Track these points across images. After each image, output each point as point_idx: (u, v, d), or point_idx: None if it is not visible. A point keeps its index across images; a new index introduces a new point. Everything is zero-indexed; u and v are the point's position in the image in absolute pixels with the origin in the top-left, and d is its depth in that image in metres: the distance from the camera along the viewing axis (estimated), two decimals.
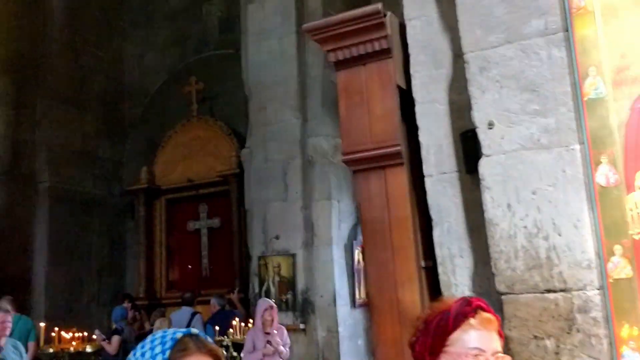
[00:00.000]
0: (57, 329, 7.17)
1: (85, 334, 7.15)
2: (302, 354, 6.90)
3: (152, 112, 10.98)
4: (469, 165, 2.36)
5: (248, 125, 9.08)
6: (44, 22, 9.95)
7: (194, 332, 1.27)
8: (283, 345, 5.61)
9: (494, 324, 1.49)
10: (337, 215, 7.39)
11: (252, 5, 7.87)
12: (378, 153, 2.64)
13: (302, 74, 7.54)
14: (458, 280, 2.38)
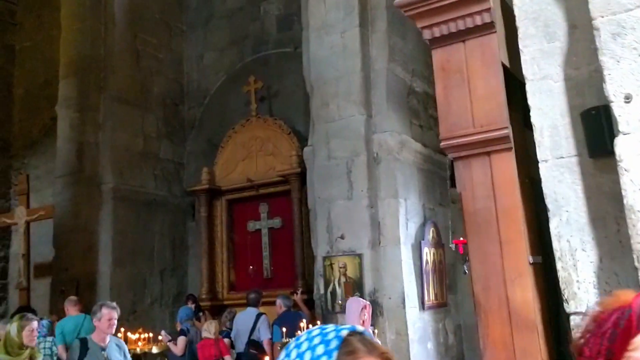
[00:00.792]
0: (122, 330, 7.15)
1: (151, 335, 7.10)
2: None
3: (211, 112, 10.98)
4: (594, 148, 2.09)
5: (309, 123, 8.95)
6: (106, 25, 10.05)
7: (359, 329, 1.07)
8: None
9: None
10: (404, 214, 7.13)
11: (313, 0, 7.70)
12: (482, 138, 2.40)
13: (365, 69, 7.31)
14: (580, 277, 2.11)
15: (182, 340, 6.98)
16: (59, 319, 7.27)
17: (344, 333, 1.03)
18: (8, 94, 13.39)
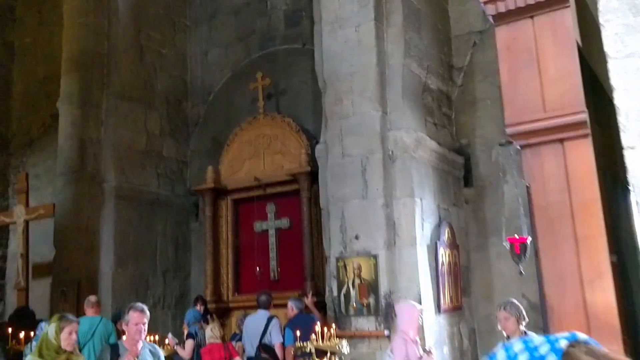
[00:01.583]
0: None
1: (157, 338, 6.83)
2: None
3: (215, 110, 10.73)
4: None
5: (318, 121, 8.72)
6: (109, 20, 9.80)
7: (582, 337, 0.84)
8: None
9: None
10: (420, 214, 6.90)
11: None
12: (554, 123, 2.16)
13: (381, 64, 7.08)
14: None
15: (190, 344, 6.72)
16: None
17: (563, 344, 0.79)
18: (7, 91, 13.11)
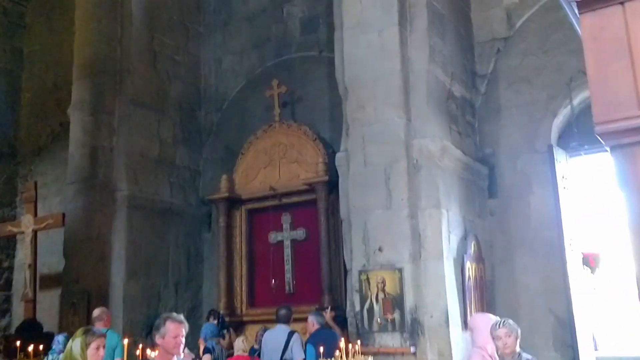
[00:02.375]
0: (141, 346, 6.63)
1: None
2: None
3: (229, 118, 10.50)
4: None
5: (335, 129, 8.50)
6: (122, 25, 9.61)
7: None
8: None
9: None
10: (446, 226, 6.62)
11: None
12: None
13: (404, 70, 6.84)
14: None
15: (207, 359, 6.45)
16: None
17: None
18: (16, 99, 12.95)
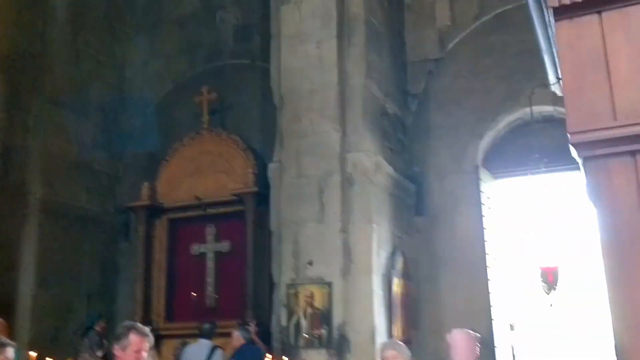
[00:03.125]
0: None
1: None
2: None
3: (154, 123, 10.08)
4: None
5: (266, 140, 8.34)
6: (45, 20, 9.08)
7: None
8: None
9: None
10: (376, 241, 6.59)
11: (286, 7, 7.15)
12: (626, 132, 1.90)
13: (342, 83, 6.80)
14: None
15: None
16: None
17: None
18: None
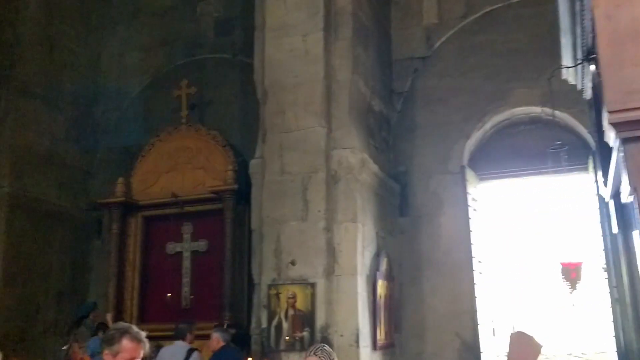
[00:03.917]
0: None
1: None
2: None
3: (130, 117, 9.77)
4: None
5: (247, 136, 8.12)
6: (17, 7, 8.72)
7: None
8: None
9: None
10: (361, 241, 6.37)
11: None
12: None
13: (328, 77, 6.57)
14: None
15: None
16: None
17: None
18: None
